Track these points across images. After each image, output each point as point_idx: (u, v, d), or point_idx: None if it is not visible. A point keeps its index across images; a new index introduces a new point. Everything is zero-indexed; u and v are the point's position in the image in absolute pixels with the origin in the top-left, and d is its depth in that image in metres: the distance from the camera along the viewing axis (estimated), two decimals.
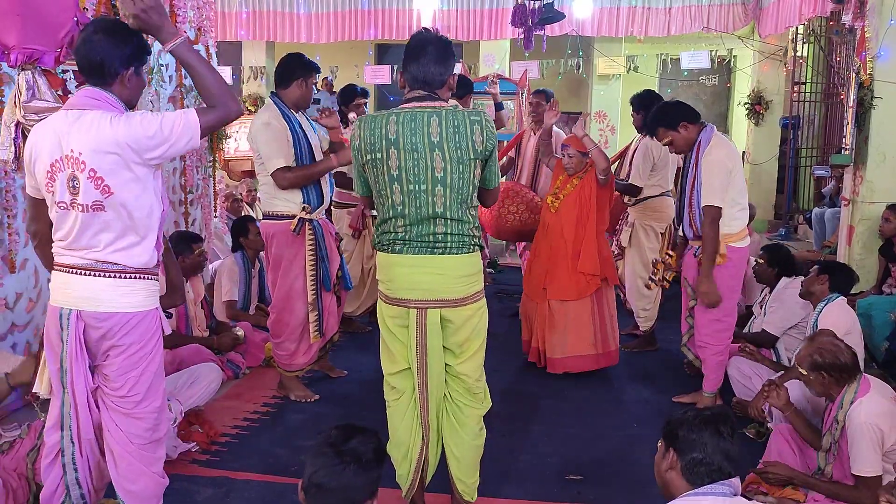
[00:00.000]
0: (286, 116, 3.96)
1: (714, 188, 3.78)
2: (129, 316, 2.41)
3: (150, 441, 2.53)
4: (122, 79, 2.39)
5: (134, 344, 2.43)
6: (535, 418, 4.08)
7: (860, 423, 2.76)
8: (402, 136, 2.62)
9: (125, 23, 2.36)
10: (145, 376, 2.47)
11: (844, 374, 2.87)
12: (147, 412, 2.50)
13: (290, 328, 4.08)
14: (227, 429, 3.85)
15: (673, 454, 1.99)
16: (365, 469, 1.86)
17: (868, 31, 5.30)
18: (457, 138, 2.61)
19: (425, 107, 2.65)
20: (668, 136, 3.92)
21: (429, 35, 2.75)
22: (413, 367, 2.79)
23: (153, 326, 2.49)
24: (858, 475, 2.76)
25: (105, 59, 2.34)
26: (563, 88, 11.15)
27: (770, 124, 9.42)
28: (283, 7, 9.23)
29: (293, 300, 4.04)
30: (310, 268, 4.01)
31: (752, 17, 8.84)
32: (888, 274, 5.15)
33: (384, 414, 2.94)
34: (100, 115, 2.32)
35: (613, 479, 3.41)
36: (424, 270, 2.70)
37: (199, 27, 5.37)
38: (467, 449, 2.85)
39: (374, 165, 2.69)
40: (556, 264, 4.61)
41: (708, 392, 4.09)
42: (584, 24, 8.95)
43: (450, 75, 2.75)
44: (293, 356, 4.16)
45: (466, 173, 2.66)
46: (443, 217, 2.67)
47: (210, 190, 5.70)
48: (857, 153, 5.48)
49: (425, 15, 8.88)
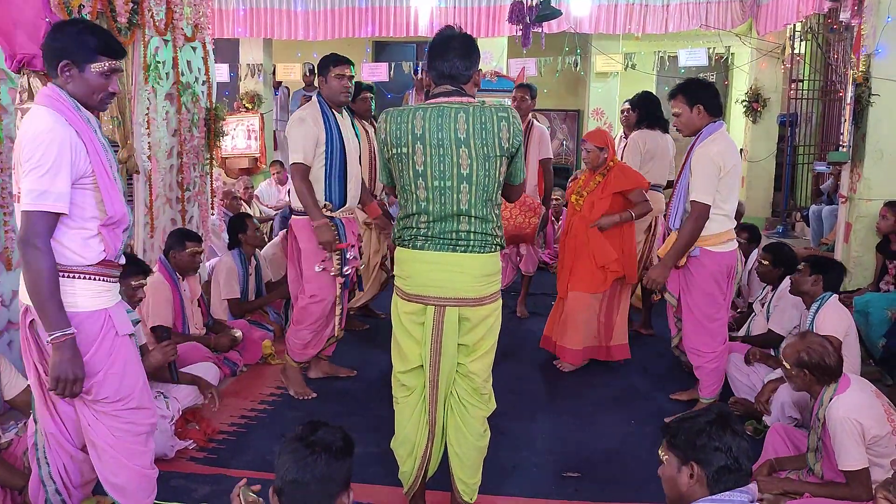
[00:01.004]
0: (325, 115, 4.03)
1: (700, 183, 3.64)
2: (72, 316, 2.27)
3: (133, 434, 2.47)
4: (64, 73, 2.32)
5: (83, 344, 2.31)
6: (533, 416, 4.08)
7: (839, 419, 2.79)
8: (429, 132, 2.60)
9: (78, 20, 2.38)
10: (109, 379, 2.38)
11: (826, 375, 2.91)
12: (122, 411, 2.43)
13: (314, 317, 4.13)
14: (224, 426, 3.84)
15: (696, 468, 1.93)
16: (336, 458, 1.84)
17: (865, 28, 5.30)
18: (483, 135, 2.59)
19: (453, 102, 2.64)
20: (680, 107, 3.77)
21: (453, 31, 2.74)
22: (425, 365, 2.78)
23: (97, 328, 2.36)
24: (846, 470, 2.78)
25: (44, 52, 2.35)
26: (560, 86, 11.15)
27: (768, 122, 9.43)
28: (281, 4, 9.21)
29: (322, 289, 4.10)
30: (336, 262, 4.06)
31: (749, 15, 8.84)
32: (885, 271, 5.15)
33: (383, 411, 2.94)
34: (33, 109, 2.31)
35: (611, 476, 3.41)
36: (445, 268, 2.69)
37: (196, 24, 5.36)
38: (470, 449, 2.84)
39: (399, 160, 2.68)
40: (578, 260, 4.66)
41: (705, 398, 4.00)
42: (582, 21, 8.94)
43: (475, 71, 2.74)
44: (306, 346, 4.22)
45: (492, 170, 2.64)
46: (467, 215, 2.66)
47: (207, 187, 5.69)
48: (855, 150, 5.49)
49: (423, 12, 8.86)
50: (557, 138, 11.91)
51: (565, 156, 11.85)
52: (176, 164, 5.24)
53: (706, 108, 3.73)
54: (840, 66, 7.55)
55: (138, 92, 4.71)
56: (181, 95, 5.21)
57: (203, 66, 5.55)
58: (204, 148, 5.58)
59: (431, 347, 2.74)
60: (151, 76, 4.82)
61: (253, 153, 9.53)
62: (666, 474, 2.01)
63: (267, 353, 4.84)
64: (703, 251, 3.75)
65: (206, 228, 5.69)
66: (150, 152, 4.84)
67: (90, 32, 2.35)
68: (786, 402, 3.52)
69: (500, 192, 2.75)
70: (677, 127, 3.86)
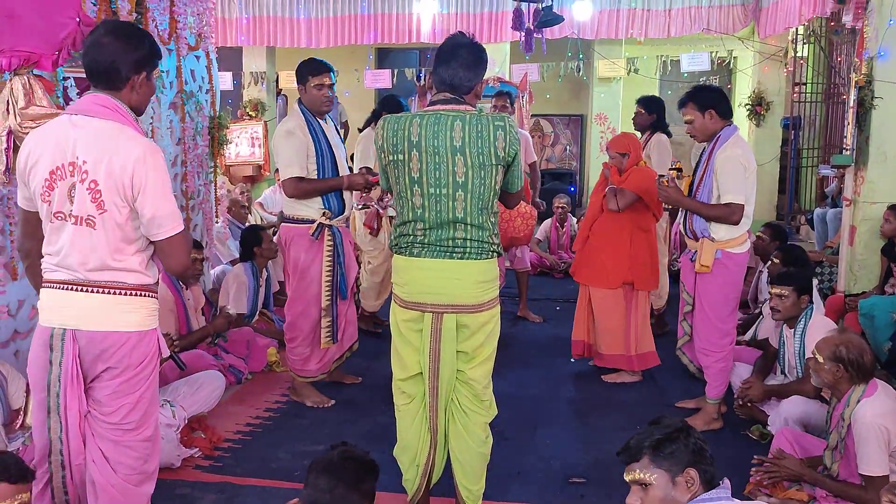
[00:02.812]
0: (311, 125, 3.98)
1: (732, 185, 3.63)
2: (128, 335, 2.30)
3: (138, 473, 2.39)
4: (133, 84, 2.29)
5: (131, 367, 2.31)
6: (538, 421, 4.07)
7: (867, 423, 2.76)
8: (425, 139, 2.60)
9: (135, 24, 2.32)
10: (141, 403, 2.35)
11: (860, 374, 2.88)
12: (138, 441, 2.37)
13: (303, 333, 4.08)
14: (229, 434, 3.85)
15: (694, 472, 1.91)
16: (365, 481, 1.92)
17: (868, 31, 5.29)
18: (479, 143, 2.59)
19: (450, 110, 2.64)
20: (692, 114, 3.79)
21: (463, 39, 2.73)
22: (424, 372, 2.78)
23: (152, 348, 2.37)
24: (866, 475, 2.76)
25: (116, 64, 2.24)
26: (563, 91, 11.17)
27: (771, 125, 9.42)
28: (284, 12, 9.24)
29: (308, 305, 4.04)
30: (326, 273, 4.02)
31: (751, 18, 8.83)
32: (890, 274, 5.14)
33: (388, 418, 2.95)
34: (112, 127, 2.23)
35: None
36: (442, 275, 2.69)
37: (200, 33, 5.38)
38: (473, 456, 2.84)
39: (395, 167, 2.68)
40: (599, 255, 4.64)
41: (712, 399, 3.96)
42: (584, 26, 8.95)
43: (478, 82, 2.73)
44: (306, 361, 4.14)
45: (488, 179, 2.64)
46: (463, 222, 2.66)
47: (211, 195, 5.70)
48: (859, 153, 5.47)
49: (425, 19, 8.89)
50: (561, 143, 11.92)
51: (568, 160, 11.86)
52: (180, 172, 5.25)
53: (717, 111, 3.76)
54: (843, 69, 7.55)
55: None
56: (185, 104, 5.22)
57: (207, 74, 5.57)
58: (208, 156, 5.60)
59: (430, 355, 2.74)
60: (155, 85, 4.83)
61: (257, 161, 9.56)
62: (656, 496, 1.91)
63: (272, 361, 4.84)
64: (725, 254, 3.74)
65: (210, 236, 5.70)
66: None
67: (149, 35, 2.37)
68: (790, 418, 3.49)
69: (497, 200, 2.75)
70: (691, 134, 3.88)
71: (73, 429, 2.32)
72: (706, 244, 3.74)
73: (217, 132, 5.62)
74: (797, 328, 3.77)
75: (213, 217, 5.73)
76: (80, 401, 2.30)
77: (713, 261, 3.74)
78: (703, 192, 3.77)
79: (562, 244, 8.11)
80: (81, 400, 2.31)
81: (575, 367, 4.96)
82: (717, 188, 3.70)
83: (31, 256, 2.45)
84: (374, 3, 9.10)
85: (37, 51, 2.96)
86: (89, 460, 2.35)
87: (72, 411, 2.30)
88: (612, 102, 10.20)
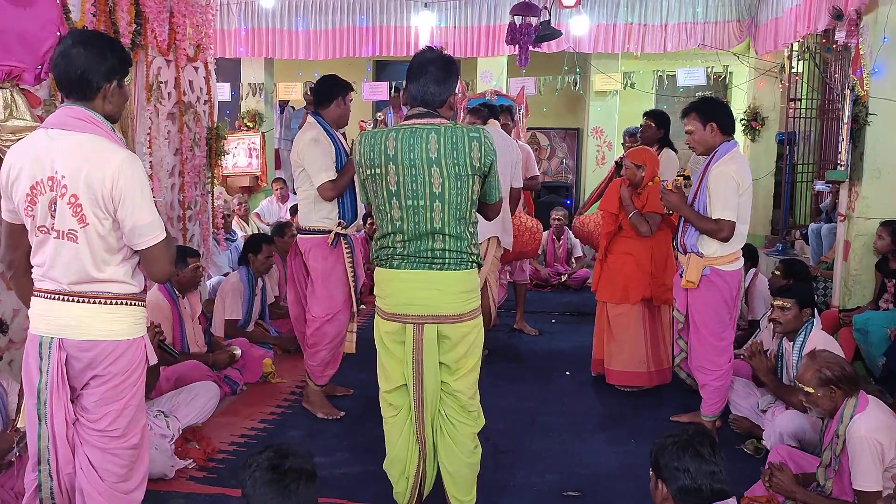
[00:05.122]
0: (330, 135, 4.08)
1: (723, 201, 3.62)
2: (115, 344, 2.30)
3: (124, 480, 2.39)
4: (105, 93, 2.28)
5: (118, 374, 2.32)
6: (533, 434, 4.07)
7: (861, 438, 2.76)
8: (401, 152, 2.63)
9: (104, 33, 2.30)
10: (127, 410, 2.36)
11: (852, 384, 2.88)
12: (124, 449, 2.38)
13: (329, 337, 4.15)
14: (224, 445, 3.83)
15: (661, 484, 1.97)
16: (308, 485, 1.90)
17: (862, 48, 5.34)
18: (455, 154, 2.62)
19: (425, 123, 2.67)
20: (694, 124, 3.78)
21: (431, 55, 2.77)
22: (409, 384, 2.79)
23: (139, 356, 2.38)
24: (859, 490, 2.76)
25: (86, 74, 2.23)
26: (560, 105, 11.20)
27: (766, 140, 9.46)
28: (282, 24, 9.28)
29: (336, 310, 4.12)
30: (351, 279, 4.11)
31: (747, 35, 8.91)
32: (885, 289, 5.16)
33: (380, 430, 2.94)
34: (88, 139, 2.23)
35: (612, 496, 3.40)
36: (422, 286, 2.71)
37: (199, 44, 5.41)
38: (462, 466, 2.84)
39: (373, 180, 2.71)
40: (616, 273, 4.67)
41: (707, 416, 3.95)
42: (581, 41, 9.00)
43: (450, 95, 2.77)
44: (326, 367, 4.23)
45: (465, 189, 2.67)
46: (441, 233, 2.68)
47: (209, 206, 5.71)
48: (853, 169, 5.51)
49: (423, 32, 8.93)
50: (557, 156, 11.95)
51: (565, 174, 11.89)
52: (177, 182, 5.26)
53: (719, 126, 3.76)
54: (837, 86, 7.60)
55: (140, 112, 4.75)
56: (183, 115, 5.25)
57: (205, 85, 5.60)
58: (205, 167, 5.61)
59: (413, 366, 2.76)
60: (154, 96, 4.85)
61: (254, 171, 9.57)
62: (651, 489, 2.08)
63: (267, 372, 4.83)
64: (714, 270, 3.73)
65: (207, 247, 5.70)
66: (152, 171, 4.87)
67: (118, 43, 2.36)
68: (785, 432, 3.49)
69: (475, 211, 2.78)
70: (690, 144, 3.88)
71: (61, 437, 2.33)
72: (693, 260, 3.75)
73: (215, 143, 5.64)
74: (797, 341, 3.73)
75: (209, 228, 5.74)
76: (66, 409, 2.31)
77: (700, 277, 3.74)
78: (697, 207, 3.78)
79: (558, 257, 8.14)
80: (68, 408, 2.31)
81: (570, 380, 4.97)
82: (709, 203, 3.70)
83: (13, 268, 2.46)
84: (373, 16, 9.14)
85: (19, 64, 2.95)
86: (77, 468, 2.35)
87: (58, 419, 2.31)
88: (608, 116, 10.24)
